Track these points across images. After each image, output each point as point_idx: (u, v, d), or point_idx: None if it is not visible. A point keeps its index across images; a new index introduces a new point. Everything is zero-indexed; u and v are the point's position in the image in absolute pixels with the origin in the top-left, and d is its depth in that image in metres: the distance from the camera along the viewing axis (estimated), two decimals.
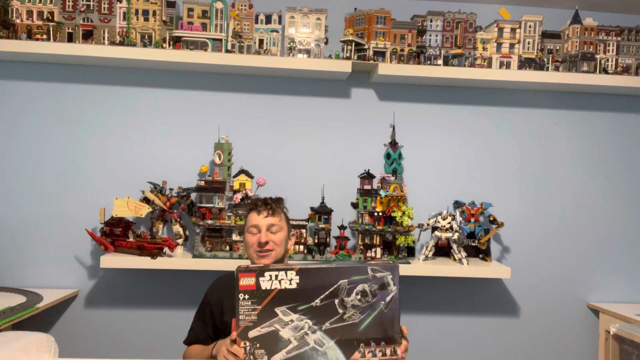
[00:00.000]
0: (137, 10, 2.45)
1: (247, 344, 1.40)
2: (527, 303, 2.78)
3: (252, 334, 1.40)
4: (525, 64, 2.61)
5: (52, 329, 2.54)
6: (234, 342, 1.42)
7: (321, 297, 1.41)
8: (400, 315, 1.43)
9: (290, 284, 1.41)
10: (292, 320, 1.41)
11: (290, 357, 1.40)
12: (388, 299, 1.43)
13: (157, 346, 2.59)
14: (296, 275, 1.41)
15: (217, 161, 2.44)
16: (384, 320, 1.42)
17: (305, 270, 1.42)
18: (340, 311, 1.41)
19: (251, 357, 1.40)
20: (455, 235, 2.48)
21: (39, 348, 1.66)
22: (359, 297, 1.42)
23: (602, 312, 2.70)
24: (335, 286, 1.41)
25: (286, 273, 1.41)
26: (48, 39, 2.39)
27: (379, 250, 2.48)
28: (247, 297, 1.41)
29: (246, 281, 1.41)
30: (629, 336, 2.33)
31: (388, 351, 1.42)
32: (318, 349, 1.41)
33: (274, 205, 1.82)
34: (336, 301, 1.42)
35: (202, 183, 2.43)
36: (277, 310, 1.41)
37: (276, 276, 1.41)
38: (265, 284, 1.41)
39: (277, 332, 1.40)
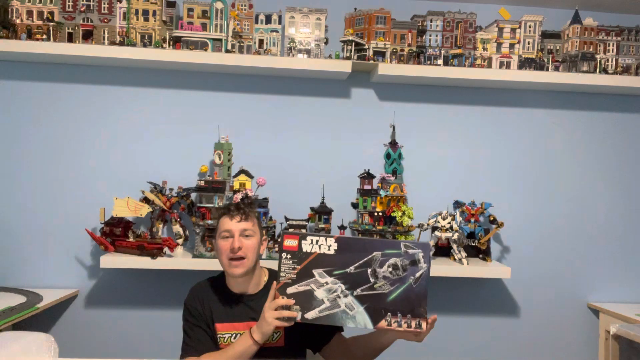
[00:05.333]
0: (137, 10, 2.45)
1: (284, 298, 1.55)
2: (527, 303, 2.78)
3: (290, 290, 1.54)
4: (525, 64, 2.61)
5: (52, 329, 2.54)
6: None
7: (355, 265, 1.54)
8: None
9: (329, 250, 1.55)
10: (327, 283, 1.54)
11: (322, 316, 1.53)
12: (417, 274, 1.55)
13: (157, 346, 2.59)
14: (335, 242, 1.55)
15: (217, 161, 2.44)
16: (412, 294, 1.54)
17: (344, 239, 1.56)
18: (372, 280, 1.53)
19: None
20: (455, 235, 2.48)
21: (39, 348, 1.67)
22: (390, 269, 1.54)
23: (602, 312, 2.70)
24: (369, 257, 1.54)
25: (326, 239, 1.56)
26: (48, 39, 2.39)
27: None
28: (288, 256, 1.55)
29: (289, 242, 1.56)
30: (629, 336, 2.33)
31: (413, 323, 1.54)
32: (348, 312, 1.52)
33: (246, 209, 1.79)
34: (369, 271, 1.54)
35: (202, 183, 2.42)
36: (315, 271, 1.55)
37: (317, 241, 1.56)
38: (306, 246, 1.55)
39: (312, 292, 1.54)
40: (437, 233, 2.50)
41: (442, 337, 2.73)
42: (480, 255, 2.63)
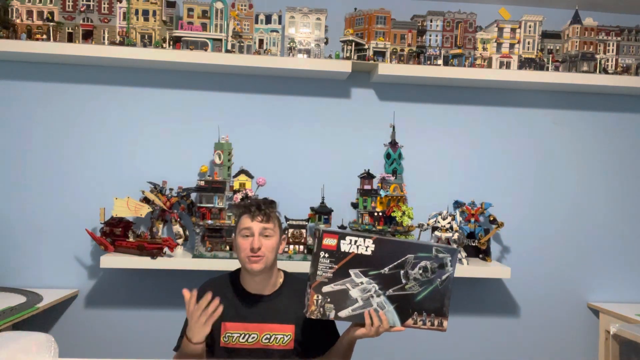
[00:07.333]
0: (137, 10, 2.45)
1: (320, 297, 1.56)
2: (527, 303, 2.78)
3: (326, 289, 1.56)
4: (525, 64, 2.61)
5: (52, 329, 2.55)
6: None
7: (390, 266, 1.58)
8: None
9: (366, 250, 1.57)
10: (362, 283, 1.57)
11: (355, 315, 1.57)
12: (444, 277, 1.61)
13: (157, 346, 2.58)
14: (373, 243, 1.57)
15: (217, 161, 2.44)
16: (437, 295, 1.60)
17: (381, 240, 1.59)
18: (403, 281, 1.59)
19: (321, 309, 1.56)
20: (455, 235, 2.48)
21: (39, 348, 1.66)
22: (420, 271, 1.60)
23: (602, 312, 2.70)
24: (403, 259, 1.58)
25: (364, 240, 1.57)
26: (48, 39, 2.39)
27: None
28: (327, 255, 1.56)
29: (329, 241, 1.56)
30: (629, 336, 2.33)
31: (436, 322, 1.61)
32: (379, 311, 1.58)
33: (267, 210, 1.79)
34: (401, 272, 1.59)
35: (202, 183, 2.43)
36: (351, 271, 1.57)
37: (355, 241, 1.57)
38: (344, 246, 1.56)
39: (347, 291, 1.57)
40: (437, 233, 2.50)
41: (442, 337, 2.72)
42: (480, 255, 2.63)
